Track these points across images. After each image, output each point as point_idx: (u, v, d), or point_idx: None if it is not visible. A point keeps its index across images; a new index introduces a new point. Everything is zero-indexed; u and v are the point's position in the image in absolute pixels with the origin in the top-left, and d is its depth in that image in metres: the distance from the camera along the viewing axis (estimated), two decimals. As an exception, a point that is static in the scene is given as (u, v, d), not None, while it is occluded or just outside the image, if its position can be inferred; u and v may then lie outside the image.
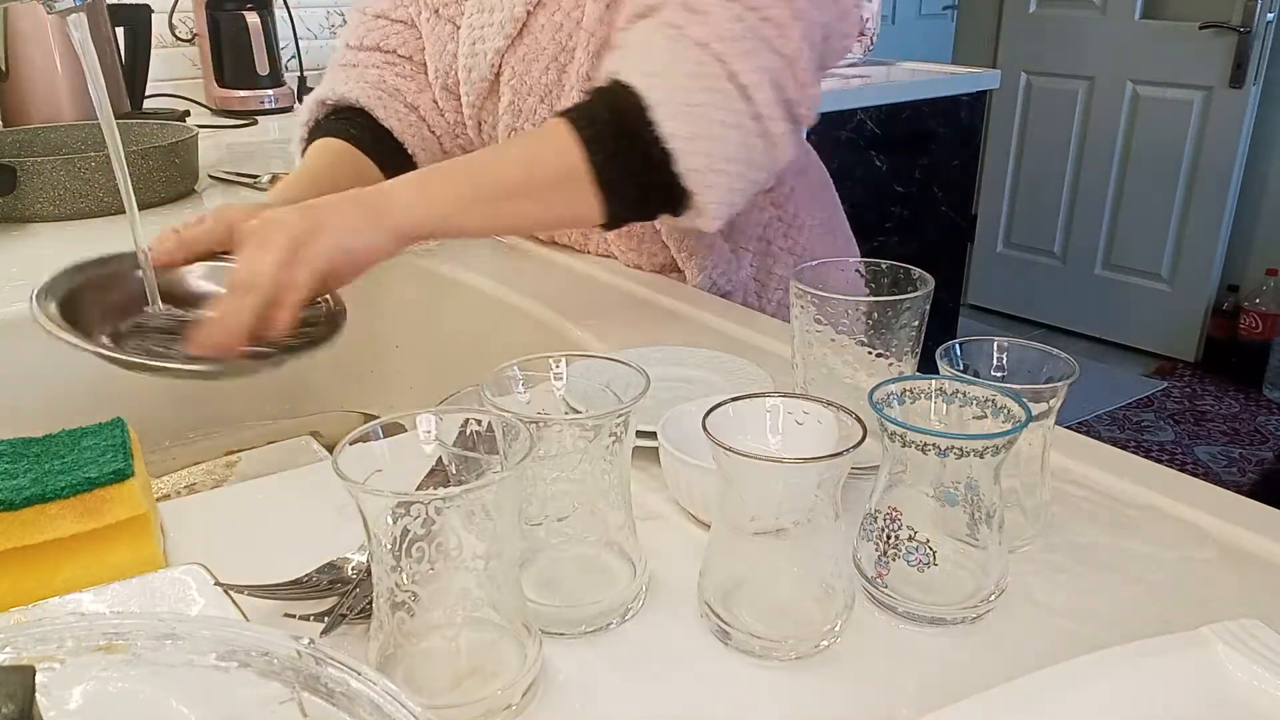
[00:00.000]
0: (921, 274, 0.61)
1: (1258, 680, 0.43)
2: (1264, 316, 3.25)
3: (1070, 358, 0.55)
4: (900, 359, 0.60)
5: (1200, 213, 3.31)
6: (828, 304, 0.59)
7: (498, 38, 0.95)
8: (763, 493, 0.46)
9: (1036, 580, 0.53)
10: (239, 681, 0.36)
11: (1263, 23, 3.07)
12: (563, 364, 0.54)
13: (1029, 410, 0.47)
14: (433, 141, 1.05)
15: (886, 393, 0.49)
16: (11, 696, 0.29)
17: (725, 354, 0.77)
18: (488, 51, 0.96)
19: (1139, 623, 0.47)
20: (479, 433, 0.47)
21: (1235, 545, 0.57)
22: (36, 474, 0.53)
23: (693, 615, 0.50)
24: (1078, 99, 3.53)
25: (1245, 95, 3.14)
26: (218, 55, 1.96)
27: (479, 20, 0.96)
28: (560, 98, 0.94)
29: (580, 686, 0.47)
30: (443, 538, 0.42)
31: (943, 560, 0.48)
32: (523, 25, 0.93)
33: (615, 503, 0.51)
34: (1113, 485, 0.63)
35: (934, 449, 0.46)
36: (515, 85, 0.96)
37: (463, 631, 0.44)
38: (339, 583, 0.52)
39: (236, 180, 1.42)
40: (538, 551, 0.52)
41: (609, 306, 0.93)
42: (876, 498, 0.49)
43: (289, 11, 2.12)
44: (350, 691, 0.35)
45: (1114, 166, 3.48)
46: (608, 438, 0.48)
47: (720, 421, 0.46)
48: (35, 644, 0.35)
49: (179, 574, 0.50)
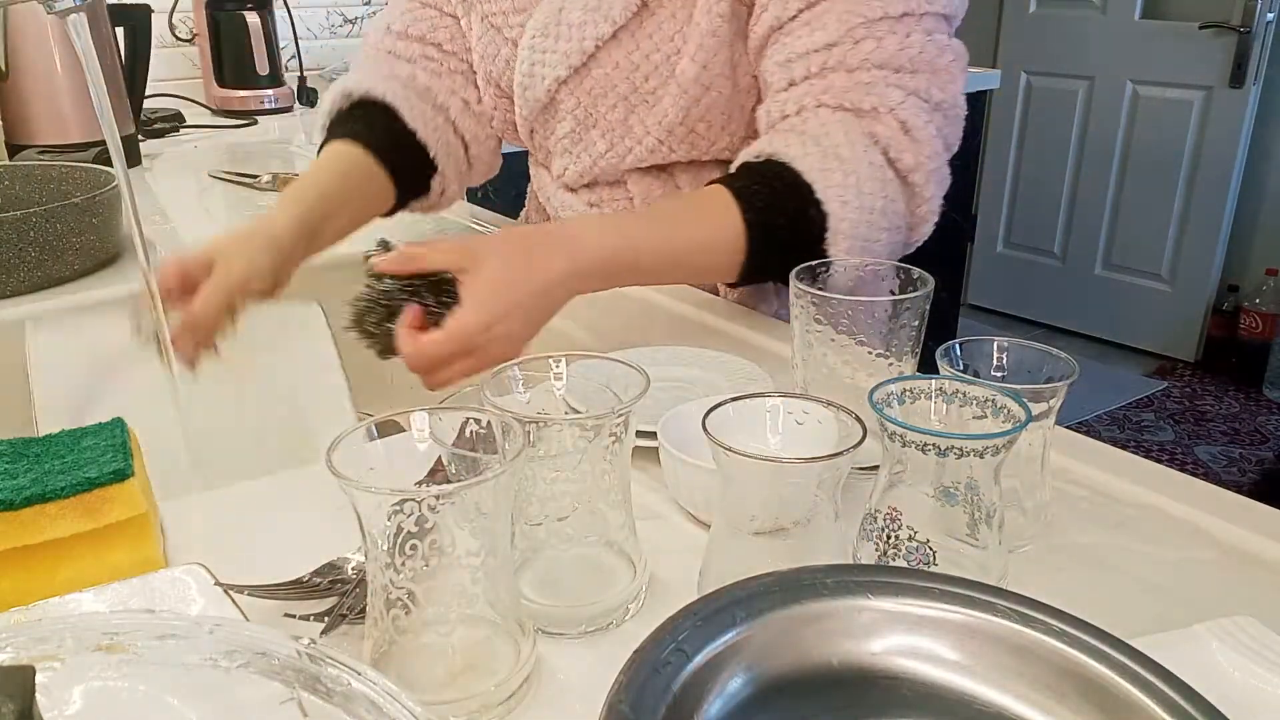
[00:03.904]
0: (921, 274, 0.61)
1: (1251, 676, 0.44)
2: (1264, 316, 3.25)
3: (1070, 358, 0.55)
4: (900, 359, 0.60)
5: (1200, 213, 3.31)
6: (828, 304, 0.59)
7: (560, 66, 0.92)
8: (763, 493, 0.46)
9: (1036, 580, 0.53)
10: (239, 681, 0.36)
11: (1263, 23, 3.07)
12: (563, 364, 0.54)
13: (1029, 410, 0.47)
14: (458, 147, 1.02)
15: (886, 393, 0.49)
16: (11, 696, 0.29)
17: (725, 354, 0.77)
18: (546, 77, 0.93)
19: (1139, 622, 0.47)
20: (478, 433, 0.47)
21: (1235, 545, 0.57)
22: (36, 474, 0.53)
23: (692, 615, 0.50)
24: (1078, 99, 3.53)
25: (1245, 95, 3.14)
26: (218, 55, 1.96)
27: (542, 44, 0.93)
28: (625, 136, 0.93)
29: (580, 686, 0.47)
30: (438, 535, 0.42)
31: (942, 560, 0.48)
32: (589, 57, 0.91)
33: (615, 503, 0.51)
34: (1113, 485, 0.63)
35: (934, 449, 0.46)
36: (578, 115, 0.94)
37: (457, 629, 0.44)
38: (339, 583, 0.52)
39: (236, 180, 1.42)
40: (537, 551, 0.52)
41: (609, 307, 0.93)
42: (876, 498, 0.49)
43: (289, 11, 2.12)
44: (350, 691, 0.35)
45: (1114, 166, 3.48)
46: (608, 438, 0.48)
47: (720, 421, 0.46)
48: (35, 644, 0.35)
49: (179, 574, 0.50)
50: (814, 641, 0.40)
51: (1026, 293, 3.80)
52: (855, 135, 0.79)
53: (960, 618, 0.40)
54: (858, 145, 0.79)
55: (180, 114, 1.85)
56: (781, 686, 0.39)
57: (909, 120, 0.80)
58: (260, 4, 1.95)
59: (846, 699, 0.40)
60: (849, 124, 0.80)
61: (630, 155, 0.93)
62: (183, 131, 1.80)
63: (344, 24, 2.41)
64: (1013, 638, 0.40)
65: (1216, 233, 3.29)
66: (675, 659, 0.37)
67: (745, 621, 0.39)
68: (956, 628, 0.40)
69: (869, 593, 0.41)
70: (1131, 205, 3.47)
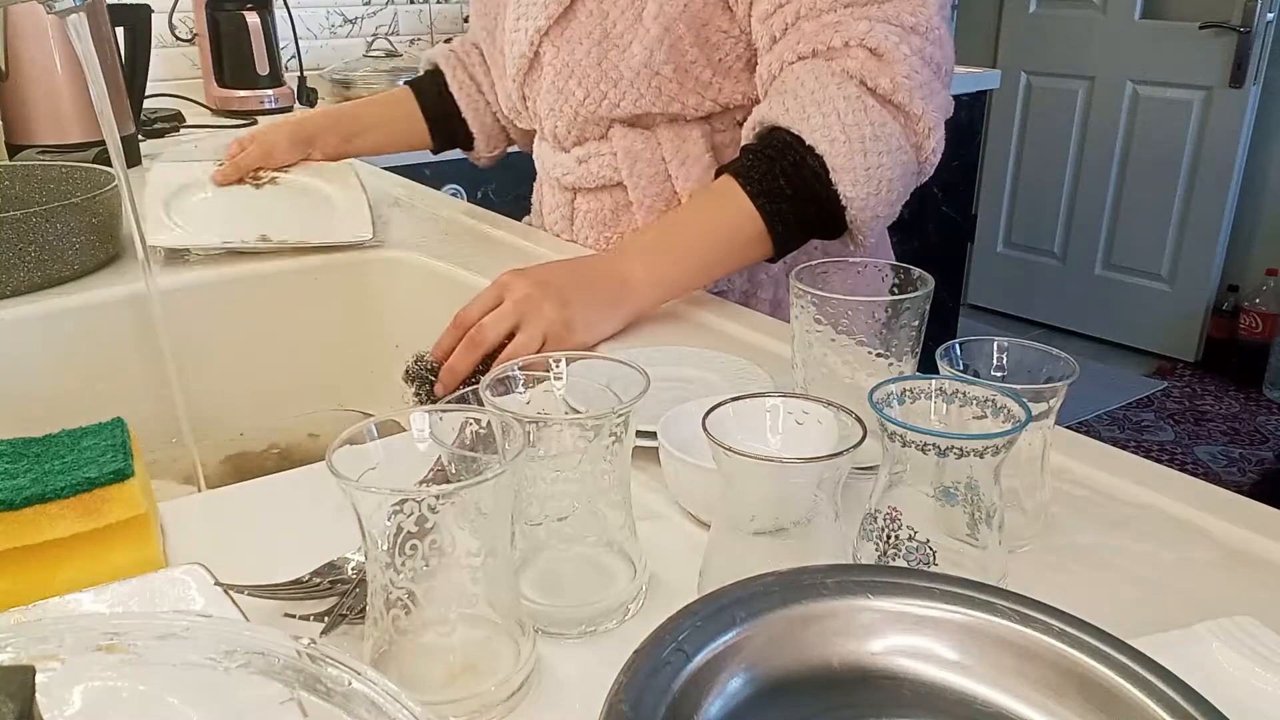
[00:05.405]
0: (921, 274, 0.61)
1: (1251, 676, 0.44)
2: (1264, 316, 3.25)
3: (1070, 358, 0.55)
4: (900, 359, 0.60)
5: (1200, 213, 3.31)
6: (828, 304, 0.59)
7: (539, 17, 0.98)
8: (763, 493, 0.46)
9: (1036, 580, 0.53)
10: (239, 681, 0.36)
11: (1263, 23, 3.07)
12: (563, 364, 0.54)
13: (1029, 410, 0.47)
14: (485, 112, 1.22)
15: (886, 393, 0.49)
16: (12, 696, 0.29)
17: (725, 354, 0.77)
18: (528, 29, 0.99)
19: (1139, 622, 0.47)
20: (478, 433, 0.47)
21: (1235, 545, 0.57)
22: (36, 474, 0.53)
23: (692, 615, 0.50)
24: (1078, 99, 3.53)
25: (1245, 95, 3.14)
26: (218, 55, 1.95)
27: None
28: (600, 82, 0.97)
29: (580, 686, 0.47)
30: (438, 535, 0.42)
31: (942, 560, 0.48)
32: (566, 7, 0.96)
33: (615, 503, 0.51)
34: (1112, 485, 0.63)
35: (934, 449, 0.46)
36: (557, 66, 0.99)
37: (457, 628, 0.44)
38: (339, 583, 0.52)
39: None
40: (538, 551, 0.52)
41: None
42: (876, 498, 0.49)
43: (289, 11, 2.12)
44: (350, 691, 0.35)
45: (1114, 166, 3.48)
46: (608, 438, 0.48)
47: (720, 421, 0.46)
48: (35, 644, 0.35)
49: (179, 574, 0.50)
50: (814, 641, 0.40)
51: (1026, 293, 3.80)
52: (825, 76, 0.84)
53: (960, 618, 0.40)
54: (830, 84, 0.83)
55: (180, 114, 1.85)
56: (781, 686, 0.39)
57: (878, 45, 0.83)
58: (260, 4, 1.95)
59: (846, 699, 0.40)
60: (818, 68, 0.84)
61: (605, 101, 0.98)
62: (183, 131, 1.80)
63: (344, 24, 2.41)
64: (1013, 638, 0.40)
65: (1216, 233, 3.29)
66: (675, 659, 0.37)
67: (745, 621, 0.39)
68: (956, 628, 0.40)
69: (869, 593, 0.41)
70: (1131, 205, 3.47)
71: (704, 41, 0.93)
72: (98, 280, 1.00)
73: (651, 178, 1.00)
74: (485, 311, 0.79)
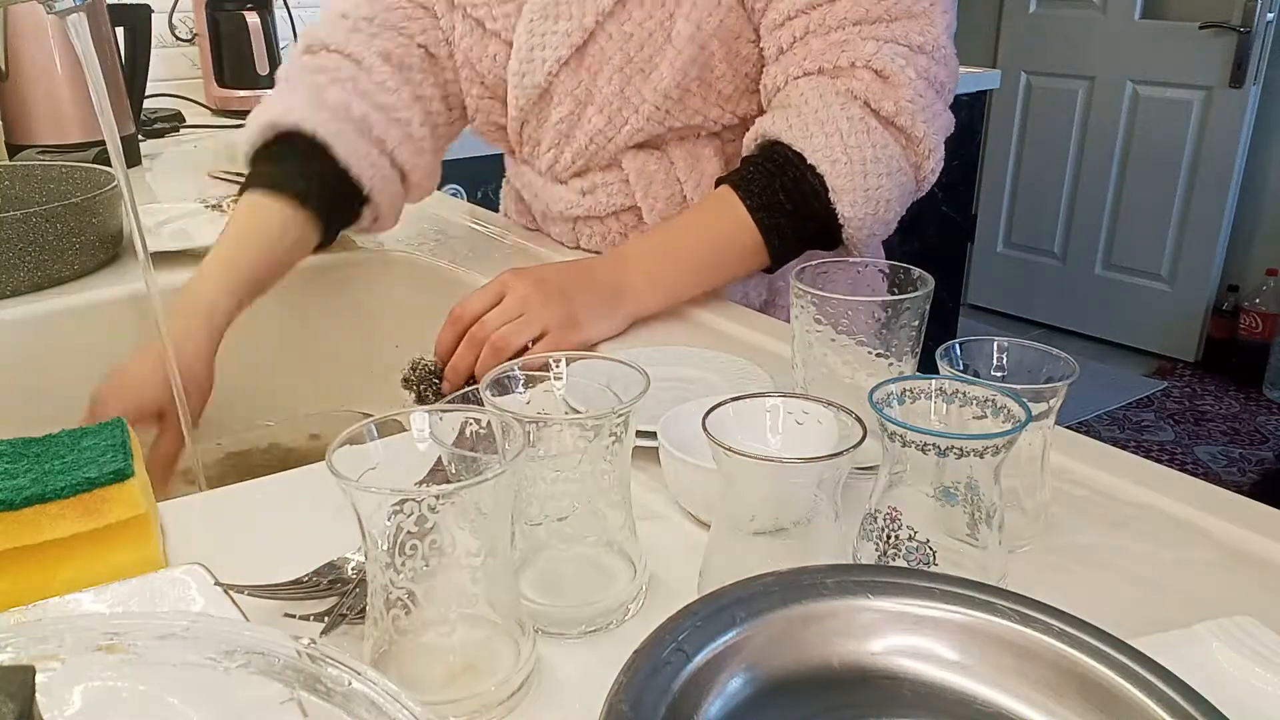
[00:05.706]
0: (921, 274, 0.60)
1: (1251, 676, 0.44)
2: (1264, 316, 3.25)
3: (1070, 358, 0.55)
4: (900, 359, 0.60)
5: (1200, 213, 3.31)
6: (828, 304, 0.59)
7: (561, 47, 0.92)
8: (763, 493, 0.46)
9: (1036, 580, 0.53)
10: (239, 681, 0.36)
11: (1263, 23, 3.07)
12: (563, 364, 0.54)
13: (1029, 410, 0.47)
14: (394, 179, 0.97)
15: (886, 393, 0.49)
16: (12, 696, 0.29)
17: (725, 354, 0.77)
18: (547, 59, 0.93)
19: (1139, 622, 0.47)
20: (478, 433, 0.47)
21: (1235, 545, 0.57)
22: (36, 474, 0.53)
23: (692, 615, 0.50)
24: (1078, 99, 3.53)
25: (1245, 95, 3.14)
26: (217, 55, 1.95)
27: (540, 28, 0.93)
28: (623, 108, 0.93)
29: (580, 686, 0.47)
30: (438, 535, 0.42)
31: (942, 560, 0.48)
32: (589, 34, 0.91)
33: (615, 503, 0.51)
34: (1112, 485, 0.63)
35: (934, 449, 0.46)
36: (577, 95, 0.94)
37: (457, 628, 0.44)
38: (339, 583, 0.52)
39: (236, 180, 1.42)
40: (538, 551, 0.52)
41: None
42: (876, 498, 0.49)
43: (289, 11, 2.12)
44: (350, 691, 0.35)
45: (1114, 166, 3.48)
46: (608, 438, 0.48)
47: (720, 421, 0.46)
48: (35, 644, 0.35)
49: (179, 574, 0.50)
50: (814, 641, 0.40)
51: (1026, 293, 3.80)
52: (830, 95, 0.83)
53: (960, 618, 0.40)
54: (834, 104, 0.83)
55: (180, 114, 1.85)
56: (781, 686, 0.39)
57: (884, 67, 0.83)
58: (260, 4, 1.95)
59: (846, 699, 0.40)
60: (823, 86, 0.84)
61: (626, 127, 0.94)
62: (183, 131, 1.80)
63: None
64: (1013, 638, 0.40)
65: (1216, 233, 3.29)
66: (675, 659, 0.37)
67: (745, 621, 0.39)
68: (956, 628, 0.40)
69: (869, 593, 0.41)
70: (1131, 205, 3.47)
71: (734, 55, 0.91)
72: (98, 280, 1.00)
73: (668, 199, 0.97)
74: (486, 308, 0.79)
